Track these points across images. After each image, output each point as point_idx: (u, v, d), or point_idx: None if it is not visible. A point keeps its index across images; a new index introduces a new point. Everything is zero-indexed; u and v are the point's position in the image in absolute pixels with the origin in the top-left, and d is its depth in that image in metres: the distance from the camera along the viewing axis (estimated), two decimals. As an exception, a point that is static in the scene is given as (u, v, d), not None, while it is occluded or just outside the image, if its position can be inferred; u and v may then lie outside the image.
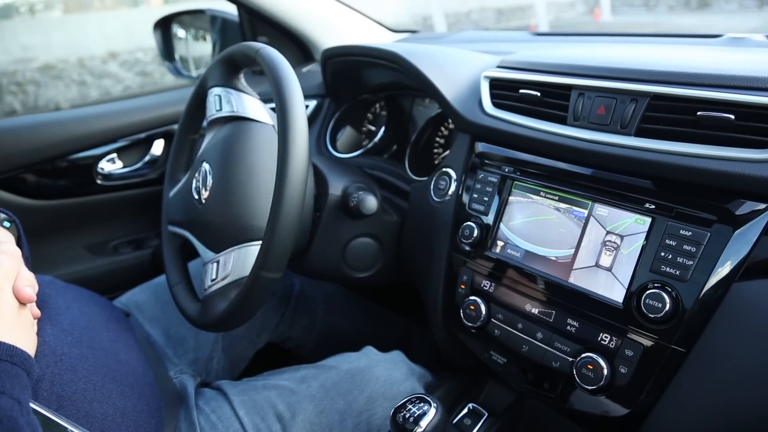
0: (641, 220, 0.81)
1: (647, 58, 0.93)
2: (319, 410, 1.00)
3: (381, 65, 1.27)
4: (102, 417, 0.84)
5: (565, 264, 0.89)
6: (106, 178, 1.60)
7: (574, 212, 0.90)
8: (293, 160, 0.81)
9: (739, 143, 0.75)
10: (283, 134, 0.82)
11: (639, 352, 0.79)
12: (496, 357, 0.99)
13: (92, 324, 1.00)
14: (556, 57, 1.02)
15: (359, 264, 1.20)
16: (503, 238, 0.98)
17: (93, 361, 0.91)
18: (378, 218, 1.18)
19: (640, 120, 0.83)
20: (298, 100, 0.85)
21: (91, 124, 1.54)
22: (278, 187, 0.81)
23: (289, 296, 1.40)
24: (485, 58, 1.24)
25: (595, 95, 0.89)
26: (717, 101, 0.77)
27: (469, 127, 1.08)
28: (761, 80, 0.76)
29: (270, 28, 1.74)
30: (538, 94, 0.97)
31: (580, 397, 0.87)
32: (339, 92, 1.54)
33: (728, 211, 0.74)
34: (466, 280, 1.03)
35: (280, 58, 0.90)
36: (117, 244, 1.72)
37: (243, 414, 0.98)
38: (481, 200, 1.02)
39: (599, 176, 0.88)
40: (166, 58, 1.93)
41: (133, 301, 1.28)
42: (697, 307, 0.74)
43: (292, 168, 0.81)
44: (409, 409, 0.82)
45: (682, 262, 0.76)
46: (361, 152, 1.47)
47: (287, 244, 0.83)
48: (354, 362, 1.09)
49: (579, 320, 0.86)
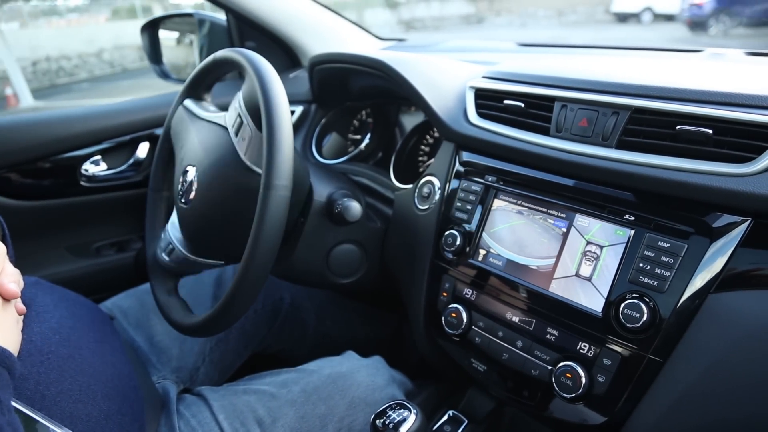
0: (621, 231, 0.83)
1: (629, 71, 0.94)
2: (300, 415, 1.00)
3: (367, 73, 1.28)
4: (86, 418, 0.83)
5: (545, 273, 0.90)
6: (90, 180, 1.59)
7: (555, 222, 0.91)
8: (279, 167, 0.81)
9: (716, 157, 0.77)
10: (270, 141, 0.82)
11: (617, 362, 0.80)
12: (476, 364, 1.00)
13: (80, 324, 0.98)
14: (541, 69, 1.03)
15: (343, 270, 1.21)
16: (485, 247, 0.99)
17: (80, 362, 0.89)
18: (362, 225, 1.19)
19: (621, 133, 0.85)
20: (283, 108, 0.85)
21: (75, 125, 1.53)
22: (263, 198, 0.82)
23: (279, 310, 1.39)
24: (471, 68, 1.25)
25: (578, 107, 0.90)
26: (695, 116, 0.78)
27: (454, 136, 1.09)
28: (738, 96, 0.77)
29: (258, 33, 1.74)
30: (522, 105, 0.98)
31: (558, 405, 0.88)
32: (325, 98, 1.55)
33: (705, 223, 0.76)
34: (448, 287, 1.04)
35: (266, 64, 0.90)
36: (99, 246, 1.70)
37: (223, 419, 0.97)
38: (465, 209, 1.03)
39: (581, 187, 0.89)
40: (153, 61, 1.92)
41: (118, 305, 1.27)
42: (674, 318, 0.76)
43: (277, 177, 0.81)
44: (389, 416, 0.83)
45: (660, 273, 0.77)
46: (347, 159, 1.48)
47: (270, 254, 0.83)
48: (336, 367, 1.09)
49: (558, 329, 0.87)
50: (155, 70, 1.94)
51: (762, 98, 0.76)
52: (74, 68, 14.99)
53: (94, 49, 15.45)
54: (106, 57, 15.73)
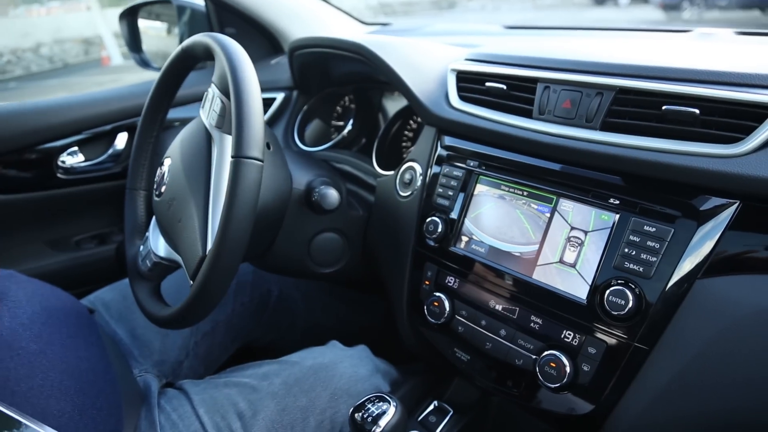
0: (606, 216, 0.80)
1: (614, 51, 0.92)
2: (281, 408, 0.98)
3: (348, 57, 1.25)
4: (59, 414, 0.82)
5: (529, 260, 0.88)
6: (68, 172, 1.55)
7: (538, 207, 0.88)
8: (249, 135, 0.77)
9: (704, 138, 0.74)
10: (239, 128, 0.79)
11: (602, 350, 0.78)
12: (459, 354, 0.97)
13: (53, 319, 0.97)
14: (524, 50, 1.00)
15: (325, 259, 1.18)
16: (468, 233, 0.96)
17: (52, 357, 0.88)
18: (343, 213, 1.16)
19: (606, 114, 0.82)
20: (254, 93, 0.81)
21: (50, 115, 1.49)
22: (231, 186, 0.78)
23: (267, 302, 1.37)
24: (454, 50, 1.22)
25: (561, 88, 0.88)
26: (682, 95, 0.76)
27: (435, 120, 1.06)
28: (726, 75, 0.75)
29: (238, 19, 1.70)
30: (504, 87, 0.95)
31: (543, 394, 0.86)
32: (307, 85, 1.52)
33: (692, 207, 0.73)
34: (430, 275, 1.01)
35: (237, 48, 0.87)
36: (79, 240, 1.67)
37: (203, 413, 0.96)
38: (446, 195, 1.01)
39: (564, 171, 0.86)
40: (133, 49, 1.88)
41: (101, 298, 1.25)
42: (660, 305, 0.74)
43: (248, 146, 0.77)
44: (367, 409, 0.81)
45: (646, 259, 0.75)
46: (329, 146, 1.45)
47: (241, 238, 0.79)
48: (318, 358, 1.07)
49: (543, 317, 0.85)
50: (135, 59, 1.90)
51: (750, 76, 0.74)
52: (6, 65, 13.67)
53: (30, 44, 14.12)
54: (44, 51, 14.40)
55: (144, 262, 1.04)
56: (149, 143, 1.10)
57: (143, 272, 1.04)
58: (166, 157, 1.00)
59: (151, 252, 1.02)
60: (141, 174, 1.11)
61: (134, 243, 1.10)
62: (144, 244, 1.05)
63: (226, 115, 0.86)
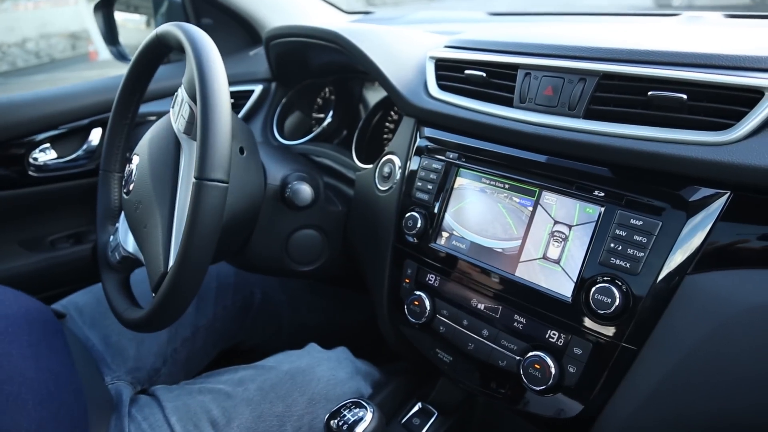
0: (590, 209, 0.76)
1: (598, 36, 0.88)
2: (257, 415, 0.94)
3: (325, 47, 1.20)
4: (15, 430, 0.78)
5: (511, 256, 0.84)
6: (40, 170, 1.50)
7: (521, 201, 0.84)
8: (212, 156, 0.73)
9: (692, 125, 0.70)
10: (204, 124, 0.74)
11: (588, 351, 0.74)
12: (442, 355, 0.93)
13: (12, 328, 0.93)
14: (504, 35, 0.96)
15: (303, 257, 1.14)
16: (448, 229, 0.92)
17: (8, 369, 0.84)
18: (321, 209, 1.12)
19: (589, 101, 0.78)
20: (222, 106, 0.76)
21: (20, 111, 1.44)
22: (195, 191, 0.74)
23: (250, 305, 1.33)
24: (434, 38, 1.18)
25: (542, 75, 0.83)
26: (668, 80, 0.72)
27: (414, 111, 1.01)
28: (714, 57, 0.71)
29: (214, 10, 1.65)
30: (483, 75, 0.91)
31: (528, 397, 0.82)
32: (285, 76, 1.47)
33: (681, 198, 0.69)
34: (410, 273, 0.97)
35: (209, 49, 0.81)
36: (54, 239, 1.62)
37: (175, 421, 0.92)
38: (426, 188, 0.96)
39: (547, 162, 0.82)
40: (109, 42, 1.82)
41: (74, 302, 1.20)
42: (649, 302, 0.70)
43: (210, 168, 0.73)
44: (343, 416, 0.77)
45: (633, 254, 0.71)
46: (309, 139, 1.40)
47: (201, 259, 0.76)
48: (295, 362, 1.03)
49: (526, 316, 0.81)
50: (111, 52, 1.84)
51: (740, 58, 0.70)
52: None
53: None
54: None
55: (113, 254, 1.02)
56: (124, 125, 1.07)
57: (112, 264, 1.02)
58: (135, 154, 0.96)
59: (120, 245, 0.99)
60: (116, 156, 1.08)
61: (106, 229, 1.08)
62: (114, 235, 1.03)
63: (194, 122, 0.82)
